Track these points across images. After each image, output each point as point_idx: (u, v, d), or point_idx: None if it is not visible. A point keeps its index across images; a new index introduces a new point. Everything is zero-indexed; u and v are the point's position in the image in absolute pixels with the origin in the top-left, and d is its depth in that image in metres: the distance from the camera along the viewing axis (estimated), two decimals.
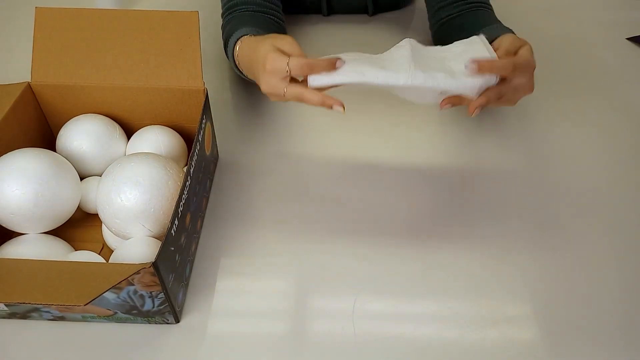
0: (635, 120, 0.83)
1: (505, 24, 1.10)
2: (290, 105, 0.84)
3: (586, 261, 0.62)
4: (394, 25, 1.01)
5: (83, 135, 0.65)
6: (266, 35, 0.61)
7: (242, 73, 0.72)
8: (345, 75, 0.54)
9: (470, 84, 0.54)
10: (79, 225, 0.65)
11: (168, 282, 0.50)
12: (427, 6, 0.90)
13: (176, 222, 0.51)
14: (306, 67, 0.53)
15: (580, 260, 0.62)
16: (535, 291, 0.59)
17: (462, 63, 0.54)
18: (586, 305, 0.58)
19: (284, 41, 0.57)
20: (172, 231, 0.51)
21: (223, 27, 0.81)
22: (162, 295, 0.50)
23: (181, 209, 0.53)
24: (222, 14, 0.85)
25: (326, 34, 0.99)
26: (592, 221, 0.67)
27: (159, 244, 0.55)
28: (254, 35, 0.68)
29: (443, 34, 0.86)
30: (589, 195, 0.70)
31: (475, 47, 0.58)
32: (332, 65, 0.53)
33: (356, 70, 0.54)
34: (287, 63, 0.53)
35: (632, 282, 0.60)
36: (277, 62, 0.54)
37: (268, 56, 0.55)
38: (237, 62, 0.71)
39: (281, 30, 0.84)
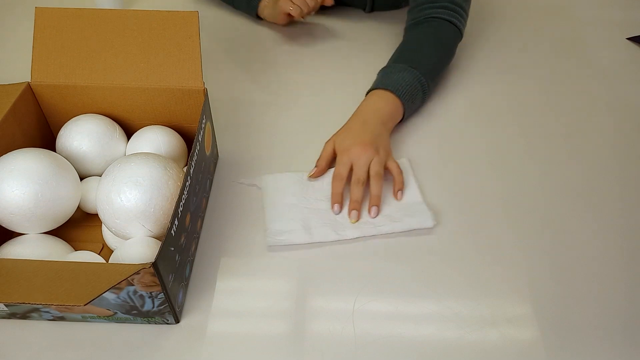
0: (635, 120, 0.83)
1: (506, 24, 1.10)
2: (291, 106, 0.84)
3: (586, 261, 0.62)
4: (389, 24, 1.02)
5: (83, 135, 0.65)
6: None
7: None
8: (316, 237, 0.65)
9: (399, 228, 0.65)
10: (79, 225, 0.65)
11: (168, 282, 0.50)
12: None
13: (176, 222, 0.51)
14: None
15: (581, 260, 0.62)
16: (535, 291, 0.59)
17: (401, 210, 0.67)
18: (586, 305, 0.58)
19: None
20: (172, 231, 0.51)
21: None
22: (162, 295, 0.50)
23: (181, 209, 0.53)
24: None
25: (323, 27, 1.00)
26: (592, 221, 0.67)
27: (159, 244, 0.55)
28: None
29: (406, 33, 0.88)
30: (589, 194, 0.70)
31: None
32: None
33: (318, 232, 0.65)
34: None
35: (632, 281, 0.60)
36: None
37: None
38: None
39: None
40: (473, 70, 0.93)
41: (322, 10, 1.02)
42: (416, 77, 0.75)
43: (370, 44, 0.97)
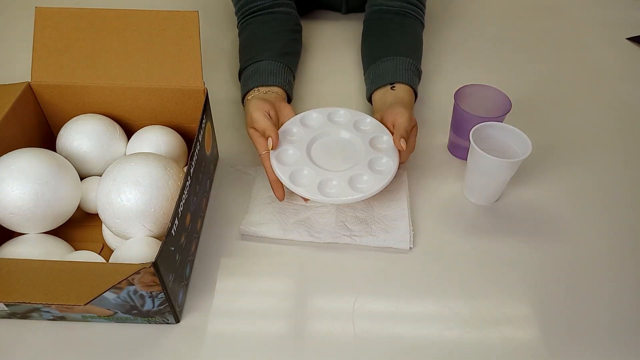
0: (635, 120, 0.83)
1: (506, 24, 1.10)
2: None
3: (586, 261, 0.62)
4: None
5: (83, 135, 0.65)
6: (268, 102, 0.71)
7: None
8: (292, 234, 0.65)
9: (374, 242, 0.64)
10: (79, 225, 0.65)
11: (168, 282, 0.50)
12: None
13: (176, 222, 0.51)
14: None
15: (580, 260, 0.62)
16: (535, 291, 0.59)
17: (380, 221, 0.66)
18: (586, 305, 0.58)
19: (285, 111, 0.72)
20: (172, 231, 0.51)
21: (240, 34, 0.90)
22: (162, 295, 0.50)
23: (181, 209, 0.53)
24: (236, 13, 0.92)
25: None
26: (592, 221, 0.67)
27: (159, 244, 0.55)
28: (264, 90, 0.75)
29: (369, 26, 0.92)
30: (589, 194, 0.70)
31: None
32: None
33: (296, 230, 0.65)
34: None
35: (632, 282, 0.60)
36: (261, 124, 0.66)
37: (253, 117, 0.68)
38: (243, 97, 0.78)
39: (296, 34, 0.91)
40: (472, 69, 0.93)
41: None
42: (417, 68, 0.82)
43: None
